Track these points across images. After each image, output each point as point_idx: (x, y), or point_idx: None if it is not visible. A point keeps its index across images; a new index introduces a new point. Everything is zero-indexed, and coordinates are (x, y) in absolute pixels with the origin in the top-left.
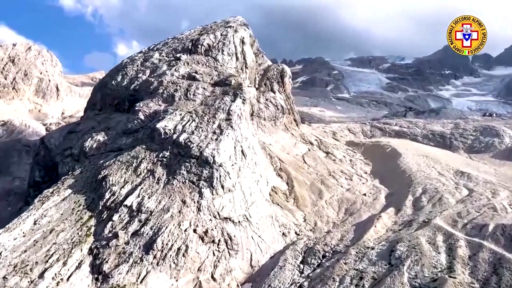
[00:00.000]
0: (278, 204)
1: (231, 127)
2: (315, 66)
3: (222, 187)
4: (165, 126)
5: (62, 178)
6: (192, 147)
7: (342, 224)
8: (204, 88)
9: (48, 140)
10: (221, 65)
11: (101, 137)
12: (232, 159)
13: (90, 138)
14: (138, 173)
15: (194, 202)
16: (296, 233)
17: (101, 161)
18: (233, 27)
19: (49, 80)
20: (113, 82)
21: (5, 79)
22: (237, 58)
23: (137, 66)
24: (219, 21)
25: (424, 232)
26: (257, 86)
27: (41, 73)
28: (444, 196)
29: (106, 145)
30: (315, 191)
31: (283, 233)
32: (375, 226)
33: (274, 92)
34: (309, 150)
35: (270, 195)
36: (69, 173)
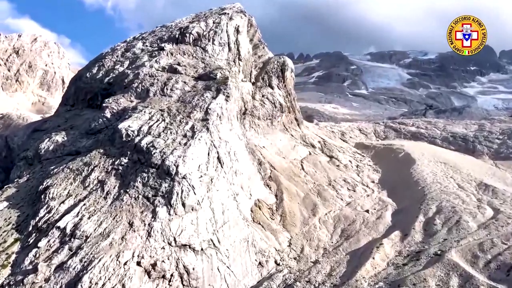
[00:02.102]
0: (259, 223)
1: (207, 128)
2: (332, 61)
3: (183, 204)
4: (129, 126)
5: (5, 186)
6: (154, 153)
7: (334, 252)
8: (184, 82)
9: (11, 139)
10: (210, 56)
11: (60, 137)
12: (201, 168)
13: (48, 139)
14: (86, 184)
15: (145, 225)
16: (276, 262)
17: (52, 167)
18: (228, 14)
19: (55, 72)
20: (87, 74)
21: (9, 71)
22: (229, 49)
23: (117, 56)
24: (215, 8)
25: (435, 271)
26: (254, 80)
27: (46, 65)
28: (463, 218)
29: (65, 147)
30: (309, 206)
31: (260, 263)
32: (374, 258)
33: (272, 88)
34: (310, 153)
35: (252, 211)
36: (15, 180)
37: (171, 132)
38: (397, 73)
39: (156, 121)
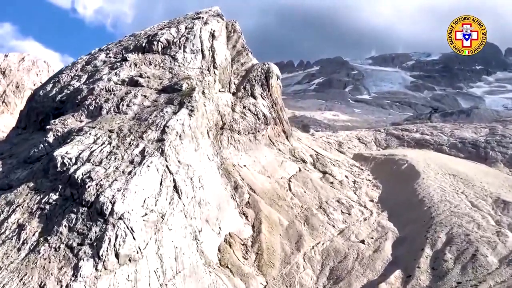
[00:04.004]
0: (228, 267)
1: (161, 151)
2: (333, 67)
3: (117, 255)
4: (66, 153)
5: None
6: (89, 187)
7: None
8: (144, 96)
9: None
10: (179, 65)
11: None
12: (148, 203)
13: None
14: (2, 230)
15: (61, 286)
16: None
17: None
18: (203, 18)
19: None
20: (41, 92)
21: None
22: (203, 56)
23: (76, 71)
24: (191, 13)
25: None
26: (234, 90)
27: (34, 85)
28: (480, 250)
29: None
30: (293, 237)
31: None
32: None
33: (255, 98)
34: (300, 170)
35: (219, 250)
36: None
37: (115, 158)
38: (400, 76)
39: (101, 145)
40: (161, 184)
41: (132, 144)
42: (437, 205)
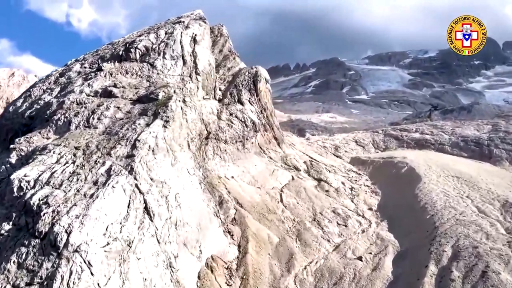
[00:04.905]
0: None
1: (130, 169)
2: (329, 68)
3: None
4: (24, 176)
5: None
6: (44, 214)
7: None
8: (118, 108)
9: None
10: (158, 73)
11: None
12: (111, 231)
13: None
14: None
15: None
16: None
17: None
18: (184, 22)
19: None
20: (11, 108)
21: None
22: (184, 62)
23: (49, 83)
24: (172, 18)
25: None
26: (220, 97)
27: None
28: (490, 266)
29: None
30: (283, 257)
31: None
32: None
33: (242, 104)
34: (293, 178)
35: (199, 277)
36: None
37: (78, 179)
38: (398, 75)
39: (64, 164)
40: (128, 206)
41: (98, 162)
42: (440, 212)
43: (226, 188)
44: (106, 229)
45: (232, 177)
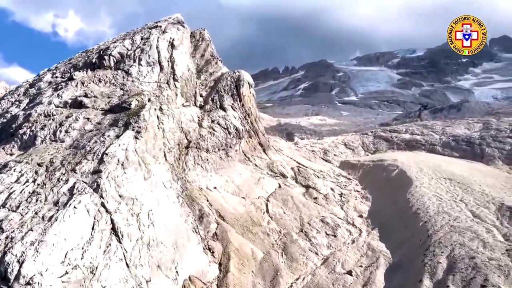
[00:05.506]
0: None
1: (96, 186)
2: (318, 70)
3: None
4: None
5: None
6: None
7: None
8: (87, 119)
9: None
10: (133, 81)
11: None
12: (71, 257)
13: None
14: None
15: None
16: None
17: None
18: (161, 27)
19: None
20: None
21: None
22: (161, 68)
23: (18, 95)
24: (150, 23)
25: None
26: (201, 103)
27: None
28: (490, 279)
29: None
30: (268, 274)
31: None
32: None
33: (224, 110)
34: (279, 186)
35: None
36: None
37: (37, 200)
38: (387, 75)
39: (24, 184)
40: (93, 228)
41: (61, 179)
42: (433, 218)
43: (207, 200)
44: (65, 256)
45: (215, 187)
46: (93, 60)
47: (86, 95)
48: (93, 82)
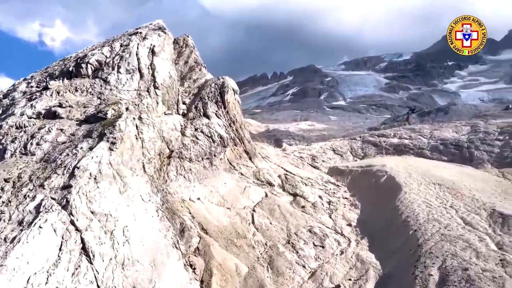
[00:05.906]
0: None
1: (65, 202)
2: (306, 76)
3: None
4: None
5: None
6: None
7: None
8: (60, 130)
9: None
10: (111, 89)
11: None
12: (33, 284)
13: None
14: None
15: None
16: None
17: None
18: (141, 33)
19: None
20: None
21: None
22: (141, 76)
23: None
24: (131, 30)
25: None
26: (184, 111)
27: None
28: None
29: None
30: None
31: None
32: None
33: (208, 117)
34: (266, 195)
35: None
36: None
37: (1, 219)
38: (374, 79)
39: None
40: (60, 249)
41: (28, 196)
42: (423, 226)
43: (190, 213)
44: (27, 282)
45: (198, 198)
46: (70, 69)
47: (60, 105)
48: (69, 91)
